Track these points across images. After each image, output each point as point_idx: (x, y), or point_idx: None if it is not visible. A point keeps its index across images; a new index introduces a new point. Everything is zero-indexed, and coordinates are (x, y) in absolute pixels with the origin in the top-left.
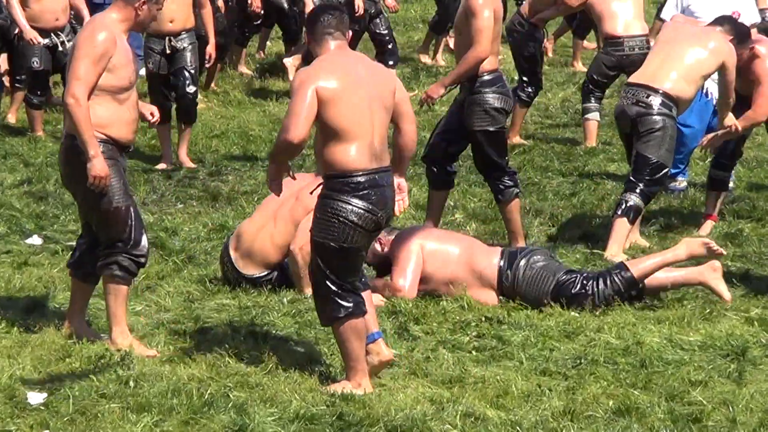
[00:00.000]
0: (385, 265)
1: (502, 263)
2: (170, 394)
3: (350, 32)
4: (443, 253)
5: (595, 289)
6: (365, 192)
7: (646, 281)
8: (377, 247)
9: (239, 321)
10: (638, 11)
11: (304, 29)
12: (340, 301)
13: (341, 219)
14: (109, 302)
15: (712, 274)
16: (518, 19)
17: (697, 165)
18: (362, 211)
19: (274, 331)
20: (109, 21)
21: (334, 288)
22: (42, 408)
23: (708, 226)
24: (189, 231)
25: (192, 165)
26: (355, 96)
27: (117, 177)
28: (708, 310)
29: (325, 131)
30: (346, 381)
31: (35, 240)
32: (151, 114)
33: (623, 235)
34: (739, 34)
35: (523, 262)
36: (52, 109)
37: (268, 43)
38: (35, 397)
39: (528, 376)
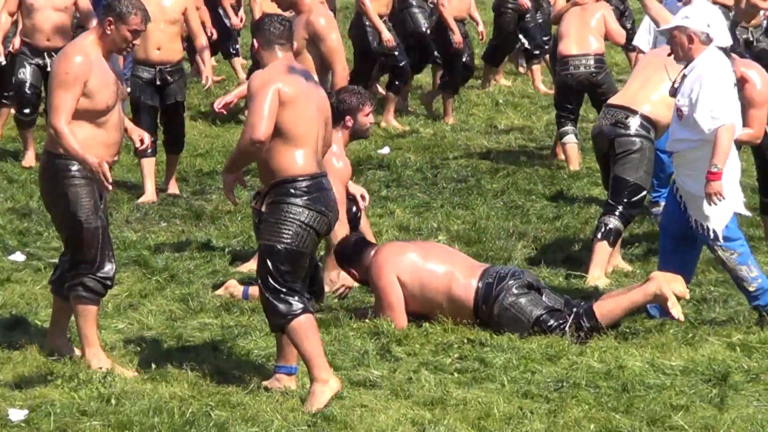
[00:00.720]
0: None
1: (480, 285)
2: (152, 413)
3: (295, 43)
4: (418, 282)
5: (567, 329)
6: (315, 195)
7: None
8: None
9: (221, 340)
10: (597, 30)
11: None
12: (289, 299)
13: (296, 221)
14: (79, 324)
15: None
16: None
17: None
18: (315, 213)
19: (256, 351)
20: (88, 43)
21: (283, 289)
22: (23, 425)
23: None
24: (172, 249)
25: (177, 192)
26: (306, 103)
27: (89, 197)
28: (690, 335)
29: (277, 135)
30: (314, 385)
31: (18, 257)
32: (141, 140)
33: (604, 259)
34: None
35: (501, 298)
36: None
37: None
38: (16, 414)
39: (510, 398)
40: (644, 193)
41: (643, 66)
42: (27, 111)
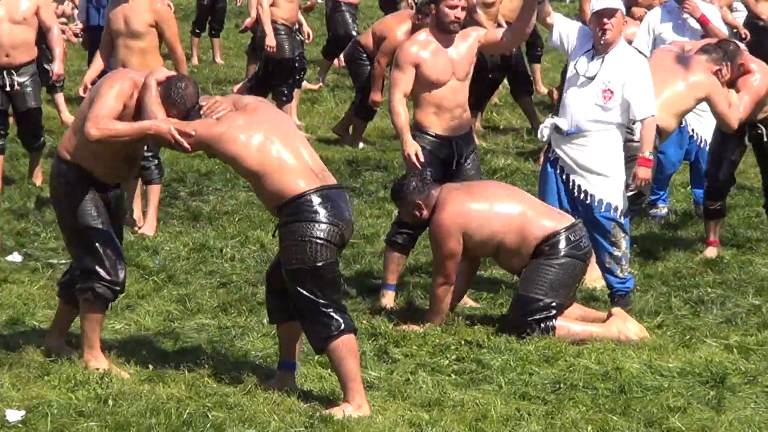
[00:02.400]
0: (422, 226)
1: (561, 232)
2: (149, 414)
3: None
4: (489, 230)
5: (533, 328)
6: (323, 206)
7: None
8: (416, 213)
9: (219, 341)
10: None
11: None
12: (328, 320)
13: (307, 239)
14: (84, 326)
15: (621, 325)
16: None
17: (678, 192)
18: (326, 226)
19: (253, 352)
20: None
21: (320, 308)
22: (20, 426)
23: (712, 251)
24: (170, 250)
25: (39, 182)
26: (249, 132)
27: (87, 204)
28: (687, 337)
29: (257, 174)
30: (346, 403)
31: (15, 257)
32: None
33: None
34: (727, 53)
35: (555, 259)
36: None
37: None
38: (13, 415)
39: (507, 400)
40: (643, 197)
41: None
42: None
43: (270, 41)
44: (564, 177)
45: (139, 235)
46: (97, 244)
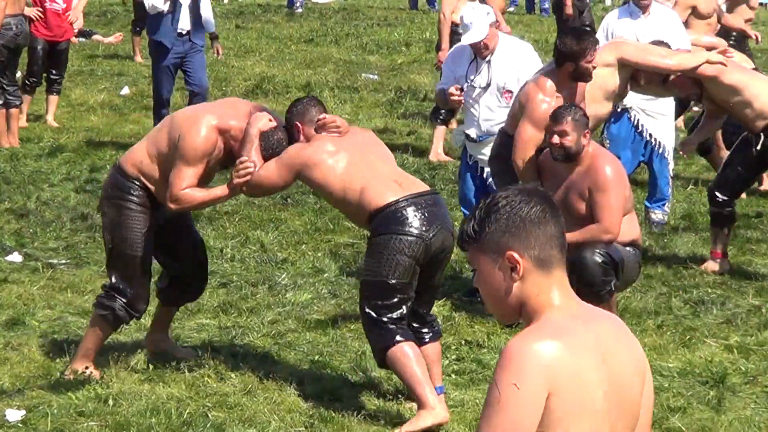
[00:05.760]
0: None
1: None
2: (149, 413)
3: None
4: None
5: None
6: (408, 217)
7: None
8: (585, 140)
9: (219, 341)
10: None
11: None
12: (385, 330)
13: (388, 252)
14: (88, 335)
15: None
16: None
17: (678, 192)
18: (410, 239)
19: (253, 352)
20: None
21: (383, 320)
22: (20, 425)
23: (712, 265)
24: None
25: None
26: (344, 151)
27: (141, 226)
28: (687, 337)
29: (341, 194)
30: (421, 411)
31: (15, 257)
32: None
33: None
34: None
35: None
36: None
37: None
38: (13, 414)
39: None
40: None
41: None
42: None
43: None
44: (485, 175)
45: None
46: (131, 268)
